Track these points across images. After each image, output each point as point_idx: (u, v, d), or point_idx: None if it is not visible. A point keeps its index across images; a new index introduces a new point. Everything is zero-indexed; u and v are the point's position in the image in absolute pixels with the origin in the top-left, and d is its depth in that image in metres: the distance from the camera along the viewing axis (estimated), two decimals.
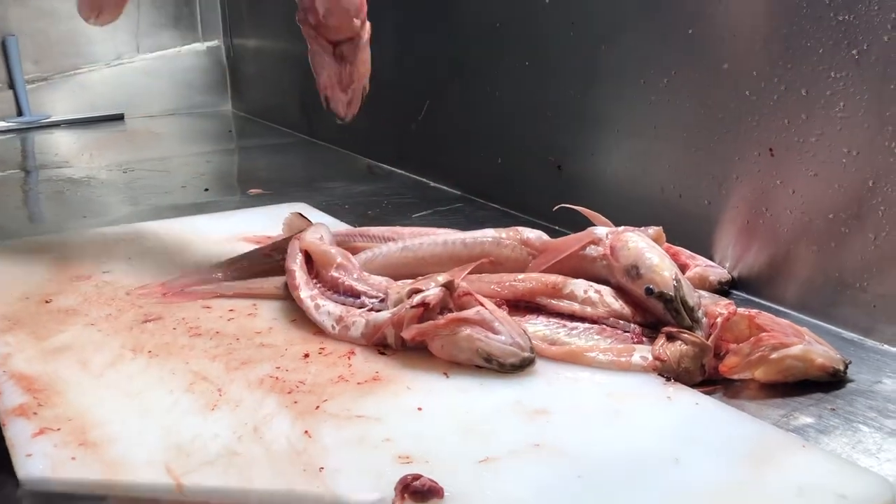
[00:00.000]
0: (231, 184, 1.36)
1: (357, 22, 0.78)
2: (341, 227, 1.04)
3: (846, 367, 0.65)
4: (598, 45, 0.96)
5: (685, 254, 0.84)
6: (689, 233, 0.88)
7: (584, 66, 0.99)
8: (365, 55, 0.81)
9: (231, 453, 0.53)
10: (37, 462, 0.52)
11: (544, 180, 1.07)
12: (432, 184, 1.32)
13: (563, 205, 0.82)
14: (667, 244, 0.84)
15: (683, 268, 0.83)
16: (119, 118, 1.97)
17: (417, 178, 1.36)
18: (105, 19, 0.92)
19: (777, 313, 0.78)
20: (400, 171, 1.40)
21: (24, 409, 0.58)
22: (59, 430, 0.56)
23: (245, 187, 1.33)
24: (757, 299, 0.82)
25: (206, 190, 1.30)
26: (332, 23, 0.77)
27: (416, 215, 1.14)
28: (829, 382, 0.64)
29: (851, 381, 0.65)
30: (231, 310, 0.76)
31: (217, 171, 1.46)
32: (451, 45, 1.24)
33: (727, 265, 0.85)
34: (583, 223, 0.84)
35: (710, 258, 0.86)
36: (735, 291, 0.84)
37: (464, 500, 0.48)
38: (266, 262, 0.83)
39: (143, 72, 2.01)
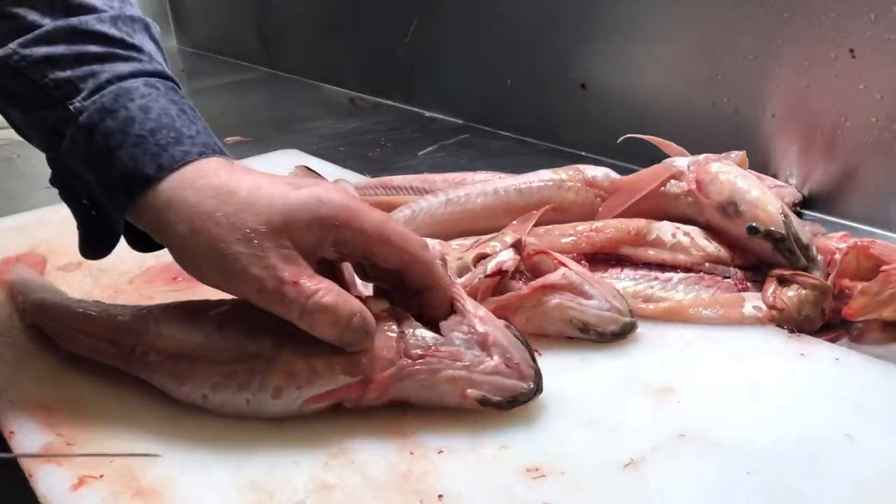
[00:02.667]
0: None
1: None
2: (347, 174, 0.93)
3: None
4: None
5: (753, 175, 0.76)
6: (749, 150, 0.79)
7: None
8: None
9: (322, 486, 0.44)
10: None
11: (566, 102, 0.97)
12: (428, 114, 1.20)
13: (630, 135, 0.72)
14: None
15: None
16: None
17: (410, 108, 1.23)
18: None
19: (860, 232, 0.71)
20: (388, 103, 1.28)
21: (49, 450, 0.48)
22: (101, 477, 0.45)
23: (222, 134, 1.19)
24: (828, 217, 0.75)
25: None
26: None
27: (421, 153, 1.03)
28: None
29: None
30: None
31: None
32: None
33: (793, 183, 0.77)
34: (621, 150, 0.75)
35: (775, 177, 0.77)
36: (807, 211, 0.76)
37: None
38: None
39: None
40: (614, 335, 0.55)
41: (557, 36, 0.95)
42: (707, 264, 0.60)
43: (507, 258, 0.57)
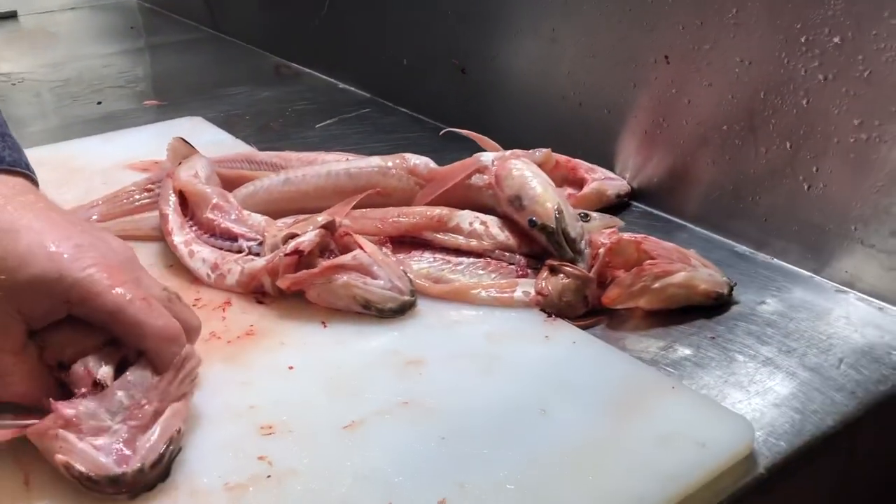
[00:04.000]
0: (127, 94, 1.27)
1: None
2: (238, 145, 0.99)
3: (731, 289, 0.65)
4: None
5: (584, 167, 0.81)
6: (590, 142, 0.85)
7: None
8: None
9: None
10: None
11: (449, 84, 1.02)
12: (341, 85, 1.25)
13: (449, 129, 0.78)
14: (565, 157, 0.82)
15: (581, 182, 0.81)
16: (12, 16, 1.82)
17: (327, 78, 1.29)
18: None
19: (674, 226, 0.78)
20: (309, 71, 1.33)
21: None
22: None
23: (142, 97, 1.25)
24: (656, 211, 0.81)
25: (99, 103, 1.22)
26: None
27: (319, 125, 1.09)
28: (713, 307, 0.64)
29: (736, 303, 0.65)
30: None
31: (114, 76, 1.37)
32: None
33: (627, 176, 0.83)
34: (495, 131, 0.80)
35: (612, 169, 0.83)
36: (635, 203, 0.82)
37: (322, 475, 0.47)
38: (143, 199, 0.79)
39: None
40: (393, 312, 0.62)
41: (442, 23, 1.00)
42: (497, 251, 0.67)
43: (306, 240, 0.63)
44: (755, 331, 0.61)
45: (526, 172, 0.67)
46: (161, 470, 0.46)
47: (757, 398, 0.54)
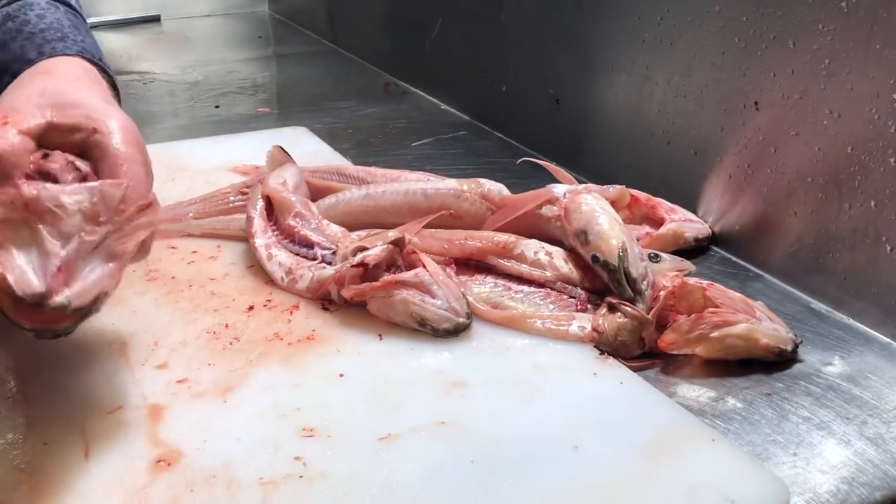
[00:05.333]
0: (244, 100, 1.35)
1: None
2: (335, 157, 1.03)
3: (795, 347, 0.63)
4: None
5: (664, 206, 0.81)
6: (675, 182, 0.84)
7: None
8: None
9: (142, 416, 0.55)
10: None
11: (543, 113, 1.03)
12: (443, 106, 1.28)
13: (525, 158, 0.79)
14: (646, 195, 0.81)
15: (660, 221, 0.80)
16: (156, 20, 1.96)
17: (430, 98, 1.32)
18: None
19: (750, 275, 0.76)
20: (415, 90, 1.37)
21: None
22: None
23: (257, 104, 1.32)
24: (734, 258, 0.79)
25: (217, 107, 1.30)
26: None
27: (415, 143, 1.12)
28: (775, 362, 0.62)
29: (800, 361, 0.63)
30: (194, 251, 0.77)
31: (236, 82, 1.46)
32: None
33: (709, 220, 0.81)
34: (583, 163, 0.81)
35: (694, 211, 0.82)
36: (715, 248, 0.81)
37: (350, 482, 0.49)
38: (236, 200, 0.84)
39: None
40: (447, 332, 0.63)
41: (541, 53, 1.02)
42: (559, 283, 0.67)
43: (372, 254, 0.66)
44: (815, 392, 0.59)
45: (595, 207, 0.67)
46: (76, 318, 0.47)
47: (803, 462, 0.53)
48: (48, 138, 0.51)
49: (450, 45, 1.25)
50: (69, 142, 0.51)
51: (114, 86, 0.66)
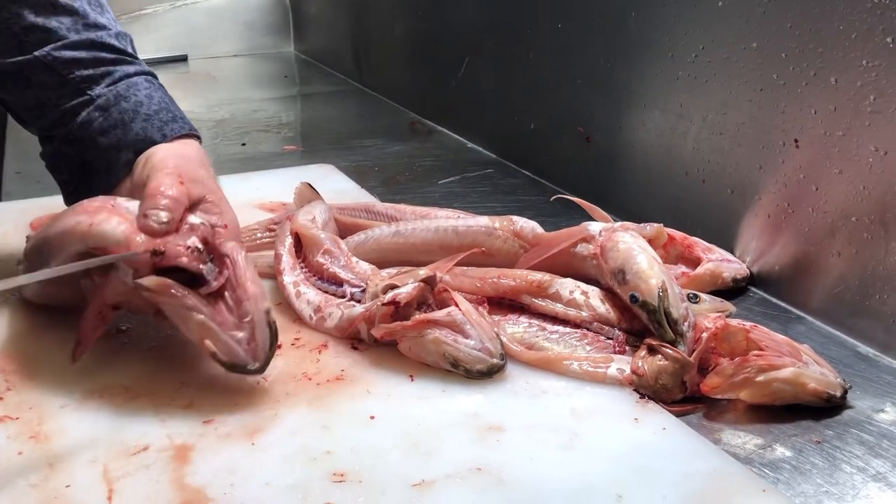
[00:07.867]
0: (270, 138, 1.35)
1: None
2: (362, 194, 1.02)
3: (845, 392, 0.60)
4: (627, 11, 0.89)
5: (701, 245, 0.79)
6: (711, 221, 0.82)
7: (614, 34, 0.92)
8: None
9: (167, 458, 0.53)
10: None
11: (573, 151, 1.02)
12: (469, 144, 1.28)
13: (558, 196, 0.77)
14: (682, 234, 0.79)
15: (697, 261, 0.78)
16: (183, 59, 1.99)
17: (457, 137, 1.32)
18: None
19: (792, 317, 0.73)
20: (441, 129, 1.37)
21: None
22: (17, 419, 0.57)
23: (283, 142, 1.32)
24: (774, 299, 0.76)
25: (244, 144, 1.30)
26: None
27: (443, 181, 1.11)
28: (823, 408, 0.60)
29: (850, 407, 0.60)
30: None
31: (262, 120, 1.46)
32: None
33: (747, 260, 0.79)
34: (615, 201, 0.79)
35: (731, 251, 0.80)
36: (753, 288, 0.78)
37: None
38: (265, 237, 0.83)
39: (207, 13, 2.02)
40: (480, 373, 0.61)
41: (571, 91, 1.01)
42: (595, 323, 0.65)
43: (403, 293, 0.64)
44: (868, 441, 0.57)
45: (633, 246, 0.65)
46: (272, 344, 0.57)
47: None
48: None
49: (476, 83, 1.25)
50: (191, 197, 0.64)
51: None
